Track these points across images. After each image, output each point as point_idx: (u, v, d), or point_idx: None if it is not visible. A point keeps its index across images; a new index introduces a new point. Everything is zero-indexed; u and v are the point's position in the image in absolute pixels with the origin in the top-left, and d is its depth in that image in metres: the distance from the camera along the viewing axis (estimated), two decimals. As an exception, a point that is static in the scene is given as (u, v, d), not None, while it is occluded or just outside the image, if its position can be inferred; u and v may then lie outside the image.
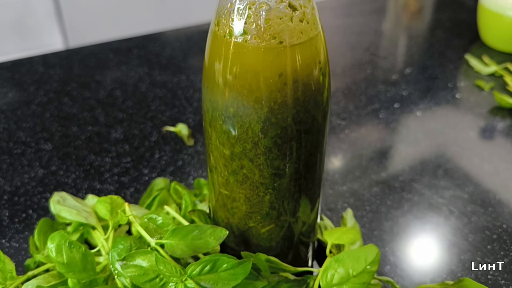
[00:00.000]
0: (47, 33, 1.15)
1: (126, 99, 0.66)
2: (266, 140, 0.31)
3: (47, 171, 0.54)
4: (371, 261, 0.31)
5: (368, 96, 0.67)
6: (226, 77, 0.30)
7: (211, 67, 0.31)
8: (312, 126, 0.32)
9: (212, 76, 0.31)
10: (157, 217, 0.37)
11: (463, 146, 0.58)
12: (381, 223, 0.47)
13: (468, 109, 0.65)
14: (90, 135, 0.59)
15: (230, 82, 0.30)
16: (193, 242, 0.34)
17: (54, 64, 0.75)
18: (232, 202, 0.35)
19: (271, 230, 0.36)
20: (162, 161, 0.55)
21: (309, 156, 0.33)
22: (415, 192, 0.51)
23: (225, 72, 0.30)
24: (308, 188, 0.35)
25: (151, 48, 0.79)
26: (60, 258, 0.33)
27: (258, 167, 0.32)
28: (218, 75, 0.30)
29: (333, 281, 0.32)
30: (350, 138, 0.59)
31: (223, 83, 0.30)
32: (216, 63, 0.30)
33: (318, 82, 0.31)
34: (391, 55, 0.79)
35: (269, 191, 0.33)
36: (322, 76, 0.31)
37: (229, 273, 0.32)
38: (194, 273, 0.32)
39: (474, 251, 0.44)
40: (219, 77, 0.30)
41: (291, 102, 0.30)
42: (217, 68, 0.30)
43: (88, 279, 0.34)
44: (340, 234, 0.37)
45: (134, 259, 0.33)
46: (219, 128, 0.32)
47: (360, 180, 0.52)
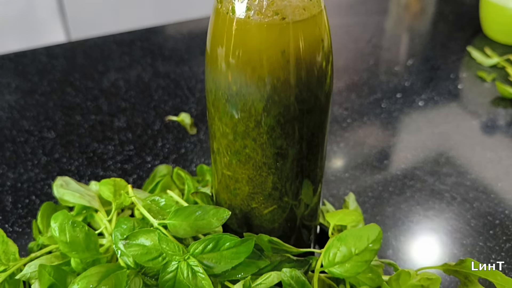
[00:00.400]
0: (49, 30, 1.15)
1: (129, 89, 0.66)
2: (269, 119, 0.31)
3: (50, 158, 0.54)
4: (373, 240, 0.31)
5: (370, 87, 0.67)
6: (229, 55, 0.30)
7: (214, 45, 0.31)
8: (314, 106, 0.32)
9: (215, 55, 0.31)
10: (159, 198, 0.37)
11: (465, 135, 0.58)
12: (383, 208, 0.47)
13: (470, 99, 0.65)
14: (93, 124, 0.59)
15: (233, 60, 0.30)
16: (195, 223, 0.34)
17: (58, 55, 0.75)
18: (235, 183, 0.35)
19: (273, 211, 0.36)
20: (165, 149, 0.55)
21: (311, 136, 0.33)
22: (417, 179, 0.51)
23: (228, 50, 0.30)
24: (310, 169, 0.35)
25: (154, 40, 0.80)
26: (63, 237, 0.33)
27: (261, 147, 0.32)
28: (221, 53, 0.30)
29: (336, 260, 0.32)
30: (353, 126, 0.59)
31: (226, 61, 0.30)
32: (219, 41, 0.30)
33: (321, 60, 0.31)
34: (393, 47, 0.79)
35: (271, 171, 0.33)
36: (325, 54, 0.31)
37: (231, 252, 0.32)
38: (196, 251, 0.32)
39: (476, 236, 0.44)
40: (222, 55, 0.30)
41: (294, 81, 0.30)
42: (220, 46, 0.30)
43: (91, 258, 0.34)
44: (342, 215, 0.37)
45: (137, 238, 0.33)
46: (222, 108, 0.32)
47: (362, 167, 0.52)
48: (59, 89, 0.66)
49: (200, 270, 0.31)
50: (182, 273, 0.32)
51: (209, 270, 0.32)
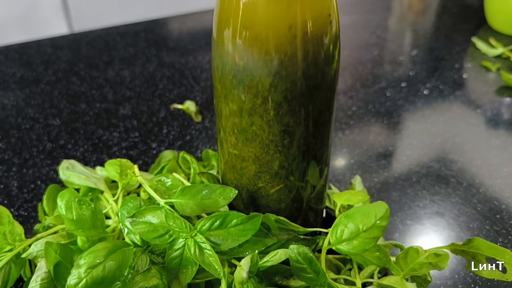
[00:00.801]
0: (52, 23, 1.15)
1: (134, 78, 0.66)
2: (276, 95, 0.31)
3: (55, 144, 0.54)
4: (381, 216, 0.31)
5: (375, 76, 0.67)
6: (236, 29, 0.30)
7: (221, 20, 0.31)
8: (322, 82, 0.32)
9: (222, 30, 0.31)
10: (166, 179, 0.37)
11: (470, 122, 0.58)
12: (389, 193, 0.47)
13: (475, 88, 0.65)
14: (98, 112, 0.59)
15: (240, 34, 0.30)
16: (202, 202, 0.34)
17: (62, 46, 0.75)
18: (241, 162, 0.35)
19: (280, 191, 0.36)
20: (170, 135, 0.55)
21: (318, 114, 0.33)
22: (423, 165, 0.51)
23: (235, 25, 0.30)
24: (317, 148, 0.35)
25: (158, 32, 0.80)
26: (70, 215, 0.33)
27: (268, 124, 0.32)
28: (228, 28, 0.30)
29: (343, 237, 0.32)
30: (357, 114, 0.59)
31: (232, 36, 0.30)
32: (225, 16, 0.30)
33: (328, 36, 0.31)
34: (397, 38, 0.79)
35: (278, 149, 0.33)
36: (333, 30, 0.31)
37: (238, 229, 0.32)
38: (203, 228, 0.32)
39: (483, 220, 0.44)
40: (229, 30, 0.30)
41: (301, 56, 0.30)
42: (226, 21, 0.30)
43: (97, 236, 0.34)
44: (349, 195, 0.37)
45: (143, 215, 0.33)
46: (229, 84, 0.32)
47: (368, 154, 0.52)
48: (64, 78, 0.66)
49: (208, 247, 0.31)
50: (189, 250, 0.32)
51: (216, 248, 0.32)
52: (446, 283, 0.38)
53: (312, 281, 0.31)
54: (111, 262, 0.30)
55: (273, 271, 0.33)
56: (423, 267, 0.32)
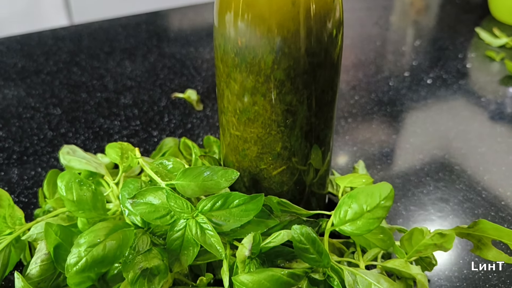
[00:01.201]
0: (52, 16, 1.15)
1: (135, 68, 0.66)
2: (279, 72, 0.30)
3: (56, 133, 0.53)
4: (385, 197, 0.31)
5: (377, 66, 0.66)
6: (238, 6, 0.29)
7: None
8: (325, 60, 0.31)
9: (224, 8, 0.30)
10: (167, 162, 0.37)
11: (474, 111, 0.57)
12: (392, 180, 0.47)
13: (479, 77, 0.64)
14: (99, 101, 0.59)
15: (242, 11, 0.29)
16: (204, 183, 0.34)
17: (64, 37, 0.75)
18: (243, 144, 0.35)
19: (282, 173, 0.35)
20: (171, 124, 0.54)
21: (321, 93, 0.33)
22: (427, 152, 0.50)
23: (237, 1, 0.29)
24: (320, 129, 0.34)
25: (159, 23, 0.79)
26: (70, 196, 0.33)
27: (270, 103, 0.32)
28: (230, 5, 0.30)
29: (347, 217, 0.31)
30: (360, 103, 0.58)
31: (235, 12, 0.30)
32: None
33: (332, 12, 0.30)
34: (400, 29, 0.79)
35: (281, 129, 0.33)
36: (336, 7, 0.30)
37: (240, 209, 0.32)
38: (205, 209, 0.32)
39: (488, 206, 0.44)
40: (232, 7, 0.30)
41: (304, 32, 0.30)
42: None
43: (98, 218, 0.34)
44: (352, 178, 0.36)
45: (144, 196, 0.33)
46: (231, 62, 0.31)
47: (371, 142, 0.52)
48: (65, 68, 0.66)
49: (209, 227, 0.31)
50: (190, 230, 0.31)
51: (218, 228, 0.31)
52: (451, 268, 0.38)
53: (315, 262, 0.30)
54: (112, 242, 0.30)
55: (275, 253, 0.32)
56: (428, 248, 0.32)
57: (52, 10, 1.13)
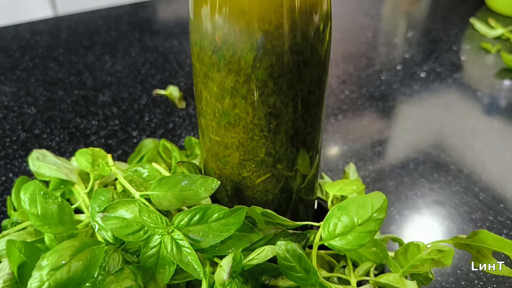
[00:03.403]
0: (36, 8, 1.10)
1: (115, 63, 0.63)
2: (260, 72, 0.28)
3: (29, 134, 0.50)
4: (378, 208, 0.28)
5: (369, 59, 0.63)
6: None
7: (197, -11, 0.27)
8: (311, 57, 0.28)
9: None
10: (142, 169, 0.34)
11: (470, 105, 0.55)
12: (385, 182, 0.44)
13: (474, 70, 0.62)
14: (76, 99, 0.56)
15: (220, 2, 0.26)
16: (181, 193, 0.31)
17: (42, 31, 0.71)
18: (224, 150, 0.32)
19: (266, 181, 0.32)
20: (152, 123, 0.52)
21: (308, 93, 0.30)
22: (421, 151, 0.48)
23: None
24: (307, 132, 0.32)
25: (142, 15, 0.76)
26: (34, 210, 0.30)
27: (252, 105, 0.29)
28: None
29: (336, 231, 0.29)
30: (351, 98, 0.55)
31: (211, 4, 0.27)
32: (203, -16, 0.27)
33: (319, 3, 0.27)
34: (392, 19, 0.76)
35: (264, 134, 0.30)
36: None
37: (220, 224, 0.29)
38: (181, 223, 0.29)
39: (485, 210, 0.41)
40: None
41: (288, 26, 0.27)
42: (204, -11, 0.27)
43: (66, 233, 0.31)
44: (342, 185, 0.34)
45: (115, 210, 0.30)
46: (208, 61, 0.28)
47: (362, 140, 0.49)
48: (41, 64, 0.63)
49: (186, 244, 0.28)
50: (165, 247, 0.28)
51: (196, 245, 0.29)
52: (448, 280, 0.35)
53: (302, 280, 0.28)
54: (78, 263, 0.27)
55: (259, 270, 0.30)
56: (424, 263, 0.29)
57: (35, 1, 1.08)
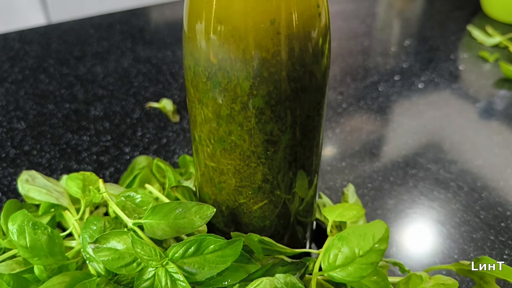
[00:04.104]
0: (28, 11, 1.09)
1: (107, 75, 0.61)
2: (257, 100, 0.27)
3: (19, 151, 0.49)
4: (379, 239, 0.27)
5: (366, 69, 0.62)
6: (209, 23, 0.25)
7: (192, 12, 0.26)
8: (310, 84, 0.27)
9: (194, 24, 0.26)
10: (135, 194, 0.33)
11: (469, 118, 0.54)
12: (384, 201, 0.43)
13: (472, 80, 0.61)
14: (67, 113, 0.54)
15: (214, 29, 0.25)
16: (175, 222, 0.30)
17: (31, 40, 0.70)
18: (219, 176, 0.31)
19: (264, 207, 0.31)
20: (145, 139, 0.50)
21: (306, 119, 0.29)
22: (420, 167, 0.47)
23: (208, 18, 0.25)
24: (305, 158, 0.31)
25: (134, 23, 0.75)
26: (23, 241, 0.29)
27: (249, 133, 0.28)
28: (200, 20, 0.26)
29: (337, 262, 0.28)
30: (348, 111, 0.54)
31: (206, 30, 0.25)
32: (197, 8, 0.26)
33: (317, 30, 0.26)
34: (388, 27, 0.75)
35: (261, 161, 0.29)
36: (322, 24, 0.27)
37: (216, 255, 0.28)
38: (176, 255, 0.28)
39: (487, 229, 0.40)
40: (202, 23, 0.26)
41: (286, 54, 0.26)
42: (199, 13, 0.26)
43: (56, 265, 0.30)
44: (341, 210, 0.33)
45: (107, 241, 0.29)
46: (203, 87, 0.27)
47: (360, 156, 0.48)
48: (31, 76, 0.61)
49: (181, 277, 0.27)
50: (159, 281, 0.27)
51: (191, 277, 0.28)
52: (451, 303, 0.34)
53: (302, 314, 0.27)
54: (68, 300, 0.26)
55: (257, 301, 0.29)
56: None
57: (27, 6, 1.07)
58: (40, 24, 0.75)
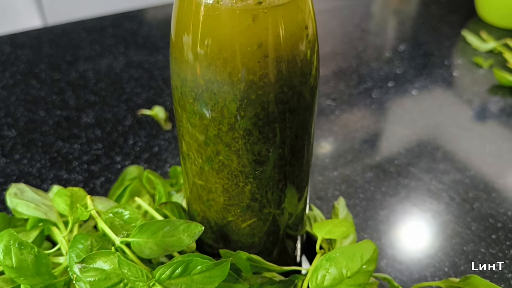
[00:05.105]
0: (24, 13, 1.08)
1: (99, 80, 0.61)
2: (245, 122, 0.26)
3: (9, 160, 0.49)
4: (367, 260, 0.27)
5: (360, 75, 0.62)
6: (196, 46, 0.25)
7: (178, 34, 0.26)
8: (298, 104, 0.27)
9: (180, 45, 0.26)
10: (123, 211, 0.33)
11: (462, 127, 0.54)
12: (376, 212, 0.43)
13: (466, 87, 0.61)
14: (58, 120, 0.54)
15: (200, 51, 0.25)
16: (164, 240, 0.30)
17: (23, 44, 0.69)
18: (208, 194, 0.31)
19: (253, 225, 0.31)
20: (137, 147, 0.50)
21: (295, 139, 0.29)
22: (412, 177, 0.47)
23: (195, 40, 0.25)
24: (294, 176, 0.30)
25: (127, 26, 0.74)
26: (9, 262, 0.29)
27: (236, 153, 0.28)
28: (187, 43, 0.25)
29: (324, 283, 0.27)
30: (341, 119, 0.54)
31: (192, 52, 0.25)
32: (184, 29, 0.25)
33: (304, 51, 0.26)
34: (383, 31, 0.75)
35: (249, 180, 0.29)
36: (310, 44, 0.26)
37: (204, 276, 0.28)
38: (163, 276, 0.28)
39: (477, 241, 0.40)
40: (188, 46, 0.25)
41: (273, 76, 0.25)
42: (185, 35, 0.25)
43: (43, 284, 0.30)
44: (331, 227, 0.33)
45: (94, 261, 0.28)
46: (190, 108, 0.27)
47: (353, 165, 0.48)
48: (22, 81, 0.61)
49: (167, 298, 0.27)
50: (146, 302, 0.27)
51: (178, 298, 0.27)
52: (440, 319, 0.34)
53: (289, 336, 0.27)
54: (53, 323, 0.26)
55: (245, 322, 0.29)
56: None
57: (23, 8, 1.06)
58: (36, 27, 0.74)
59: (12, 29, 0.72)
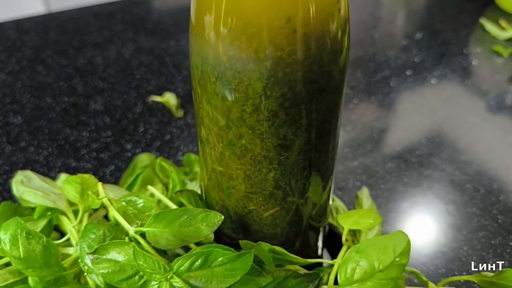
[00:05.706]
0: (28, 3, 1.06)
1: (108, 66, 0.59)
2: (270, 102, 0.24)
3: (15, 147, 0.47)
4: (400, 252, 0.25)
5: (377, 63, 0.60)
6: (219, 18, 0.23)
7: (199, 7, 0.24)
8: (327, 85, 0.25)
9: (202, 20, 0.24)
10: (137, 199, 0.31)
11: (484, 117, 0.52)
12: (398, 203, 0.41)
13: (486, 76, 0.59)
14: (66, 107, 0.52)
15: (224, 26, 0.23)
16: (181, 230, 0.28)
17: (29, 29, 0.67)
18: (228, 181, 0.29)
19: (275, 214, 0.29)
20: (147, 135, 0.48)
21: (322, 122, 0.27)
22: (435, 167, 0.45)
23: (219, 12, 0.23)
24: (320, 163, 0.29)
25: (136, 12, 0.72)
26: (16, 252, 0.27)
27: (260, 137, 0.26)
28: (210, 16, 0.23)
29: (355, 277, 0.26)
30: (360, 108, 0.52)
31: (215, 26, 0.23)
32: (206, 2, 0.23)
33: (335, 28, 0.24)
34: (398, 20, 0.73)
35: (273, 166, 0.27)
36: (341, 20, 0.24)
37: (225, 269, 0.26)
38: (182, 269, 0.26)
39: (505, 235, 0.39)
40: (211, 20, 0.23)
41: (302, 53, 0.23)
42: (208, 7, 0.23)
43: (52, 276, 0.28)
44: (357, 217, 0.31)
45: (107, 252, 0.27)
46: (211, 88, 0.25)
47: (373, 155, 0.46)
48: (28, 67, 0.59)
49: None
50: (163, 295, 0.26)
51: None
52: (470, 316, 0.33)
53: (316, 333, 0.25)
54: (65, 317, 0.24)
55: (268, 317, 0.27)
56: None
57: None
58: (40, 12, 0.72)
59: (17, 15, 0.70)
